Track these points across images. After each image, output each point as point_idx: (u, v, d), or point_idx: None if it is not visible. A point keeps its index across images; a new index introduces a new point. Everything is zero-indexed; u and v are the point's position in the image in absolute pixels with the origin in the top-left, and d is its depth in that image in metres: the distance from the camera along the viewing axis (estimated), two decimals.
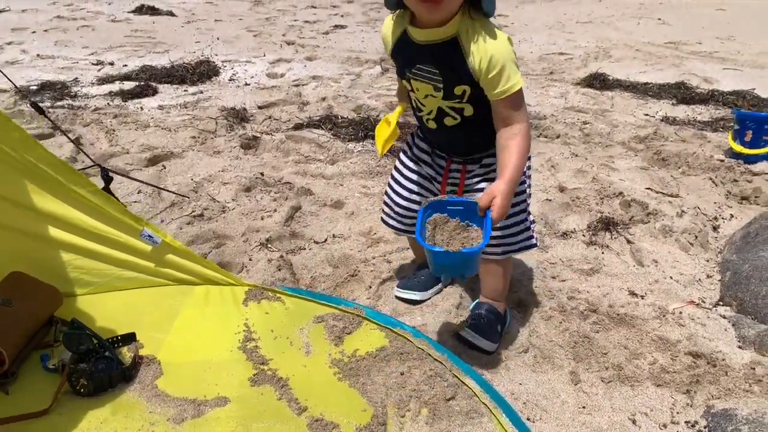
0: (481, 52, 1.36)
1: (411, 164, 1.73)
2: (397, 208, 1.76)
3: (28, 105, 3.79)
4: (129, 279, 1.80)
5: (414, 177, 1.72)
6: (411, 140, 1.77)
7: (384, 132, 1.74)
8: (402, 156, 1.77)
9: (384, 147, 1.80)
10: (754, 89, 4.43)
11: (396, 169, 1.78)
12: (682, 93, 4.42)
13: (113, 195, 2.02)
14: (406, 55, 1.49)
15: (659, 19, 8.55)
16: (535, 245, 1.67)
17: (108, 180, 2.02)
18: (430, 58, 1.42)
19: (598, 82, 4.69)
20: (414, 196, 1.72)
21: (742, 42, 6.81)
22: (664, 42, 6.79)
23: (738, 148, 3.08)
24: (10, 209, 1.69)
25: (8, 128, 1.59)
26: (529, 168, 1.64)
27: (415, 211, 1.70)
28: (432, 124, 1.55)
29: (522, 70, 5.17)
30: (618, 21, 8.36)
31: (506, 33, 1.40)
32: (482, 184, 1.59)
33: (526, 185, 1.62)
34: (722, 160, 3.12)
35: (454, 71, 1.40)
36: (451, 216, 1.39)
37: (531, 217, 1.67)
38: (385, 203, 1.80)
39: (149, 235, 1.75)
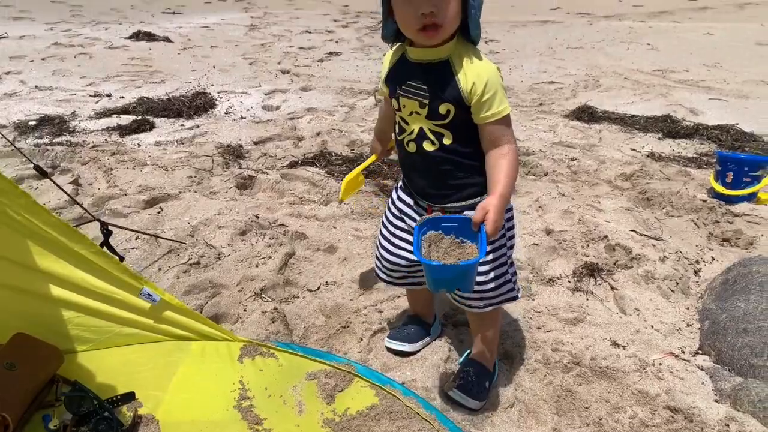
0: (475, 74, 1.44)
1: (395, 220, 1.80)
2: (386, 263, 1.82)
3: (26, 142, 3.87)
4: (128, 336, 1.86)
5: (399, 233, 1.78)
6: (394, 195, 1.82)
7: (349, 180, 2.04)
8: (387, 211, 1.84)
9: (346, 194, 2.11)
10: (737, 124, 4.54)
11: (383, 224, 1.84)
12: (668, 126, 4.52)
13: (113, 249, 2.09)
14: (399, 74, 1.56)
15: (648, 44, 8.71)
16: (516, 297, 1.74)
17: (107, 234, 2.09)
18: (421, 75, 1.51)
19: (586, 114, 4.80)
20: (400, 251, 1.78)
21: (728, 69, 6.95)
22: (652, 69, 6.93)
23: (719, 188, 3.18)
24: (14, 270, 1.75)
25: (15, 194, 1.66)
26: (510, 219, 1.70)
27: (403, 265, 1.78)
28: (411, 147, 1.58)
29: (512, 101, 5.34)
30: (608, 46, 8.51)
31: (497, 60, 1.51)
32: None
33: (505, 239, 1.68)
34: (705, 200, 3.21)
35: (443, 90, 1.47)
36: (445, 233, 1.44)
37: (513, 269, 1.75)
38: (376, 257, 1.87)
39: (149, 294, 1.82)
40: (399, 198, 1.79)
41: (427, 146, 1.55)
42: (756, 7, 14.02)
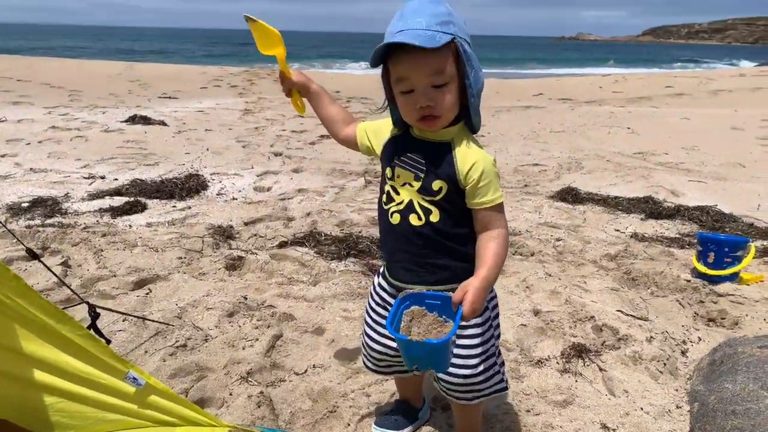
0: (472, 160, 1.49)
1: (378, 308, 1.77)
2: (372, 353, 1.81)
3: (18, 223, 3.90)
4: (111, 421, 1.82)
5: (383, 321, 1.75)
6: (375, 282, 1.81)
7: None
8: (369, 300, 1.81)
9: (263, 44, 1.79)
10: (716, 205, 4.68)
11: (367, 312, 1.83)
12: (650, 207, 4.64)
13: (100, 332, 2.08)
14: (399, 146, 1.60)
15: (628, 128, 9.05)
16: (506, 389, 1.74)
17: (95, 317, 2.09)
18: (421, 150, 1.55)
19: (570, 196, 4.93)
20: (385, 340, 1.76)
21: (706, 152, 7.21)
22: (633, 152, 7.18)
23: (702, 268, 3.23)
24: (0, 354, 1.74)
25: (7, 277, 1.67)
26: (495, 308, 1.72)
27: (390, 355, 1.77)
28: (396, 218, 1.57)
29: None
30: (590, 130, 8.83)
31: (483, 143, 1.58)
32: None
33: (493, 329, 1.68)
34: (689, 281, 3.26)
35: (439, 167, 1.51)
36: (428, 309, 1.43)
37: (501, 359, 1.75)
38: (363, 345, 1.86)
39: (134, 377, 1.79)
40: (380, 285, 1.77)
41: (413, 220, 1.56)
42: (729, 93, 14.73)
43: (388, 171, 1.61)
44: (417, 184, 1.54)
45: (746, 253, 3.21)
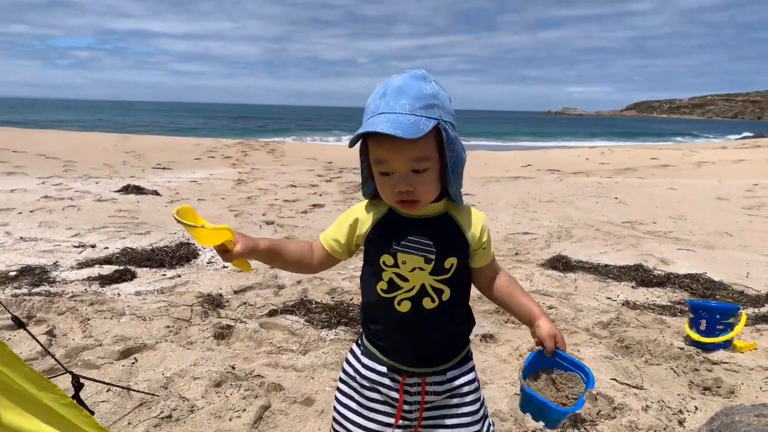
0: (475, 223, 1.48)
1: (367, 392, 1.54)
2: None
3: (4, 292, 3.86)
4: None
5: (375, 405, 1.53)
6: (357, 364, 1.56)
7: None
8: (351, 384, 1.57)
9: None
10: (706, 273, 4.70)
11: (341, 402, 1.58)
12: (640, 275, 4.66)
13: (83, 403, 2.02)
14: (392, 230, 1.46)
15: (616, 198, 9.21)
16: None
17: (78, 387, 2.04)
18: (424, 230, 1.44)
19: (561, 264, 4.95)
20: (376, 426, 1.52)
21: (693, 221, 7.32)
22: (622, 222, 7.27)
23: (695, 336, 3.22)
24: None
25: None
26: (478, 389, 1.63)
27: None
28: (404, 306, 1.45)
29: None
30: (578, 200, 8.97)
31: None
32: (448, 401, 1.53)
33: (484, 408, 1.62)
34: (682, 348, 3.23)
35: (449, 242, 1.44)
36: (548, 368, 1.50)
37: (489, 420, 1.66)
38: None
39: None
40: (366, 366, 1.54)
41: (427, 303, 1.45)
42: (711, 165, 15.12)
43: (386, 259, 1.44)
44: (428, 267, 1.43)
45: (738, 320, 3.20)
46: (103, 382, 2.48)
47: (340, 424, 1.55)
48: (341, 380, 1.59)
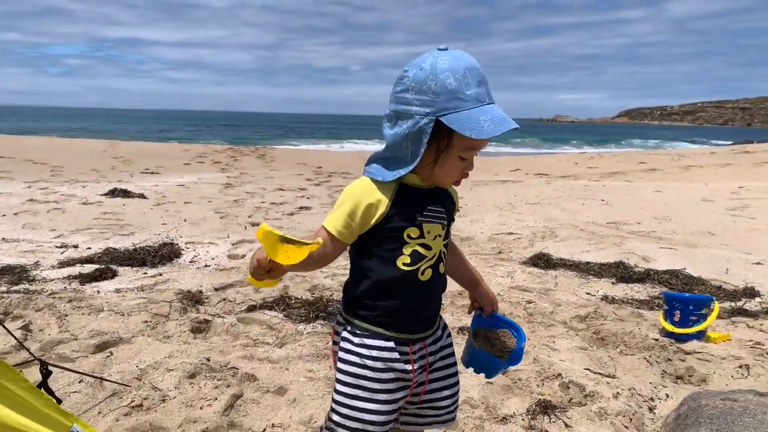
0: (455, 191, 1.61)
1: (384, 374, 1.51)
2: (381, 427, 1.52)
3: None
4: None
5: (391, 385, 1.52)
6: (365, 351, 1.52)
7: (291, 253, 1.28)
8: (364, 370, 1.51)
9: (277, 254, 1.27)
10: (685, 269, 4.74)
11: (360, 386, 1.51)
12: (621, 272, 4.69)
13: (51, 391, 2.02)
14: (414, 202, 1.49)
15: (602, 200, 9.26)
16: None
17: (46, 374, 2.03)
18: (436, 199, 1.53)
19: (543, 261, 4.97)
20: (396, 405, 1.54)
21: (677, 222, 7.36)
22: (606, 222, 7.31)
23: (669, 327, 3.25)
24: None
25: None
26: None
27: (394, 417, 1.57)
28: (427, 274, 1.50)
29: (472, 250, 5.53)
30: (564, 202, 9.01)
31: (460, 215, 1.62)
32: (442, 359, 1.61)
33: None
34: (657, 339, 3.26)
35: (451, 209, 1.58)
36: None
37: None
38: (361, 423, 1.51)
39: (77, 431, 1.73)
40: (374, 347, 1.52)
41: (441, 268, 1.56)
42: (699, 169, 15.22)
43: (411, 231, 1.48)
44: (443, 233, 1.54)
45: (711, 311, 3.23)
46: (71, 370, 2.48)
47: (357, 420, 1.50)
48: (347, 373, 1.52)
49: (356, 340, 1.52)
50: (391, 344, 1.51)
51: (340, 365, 1.54)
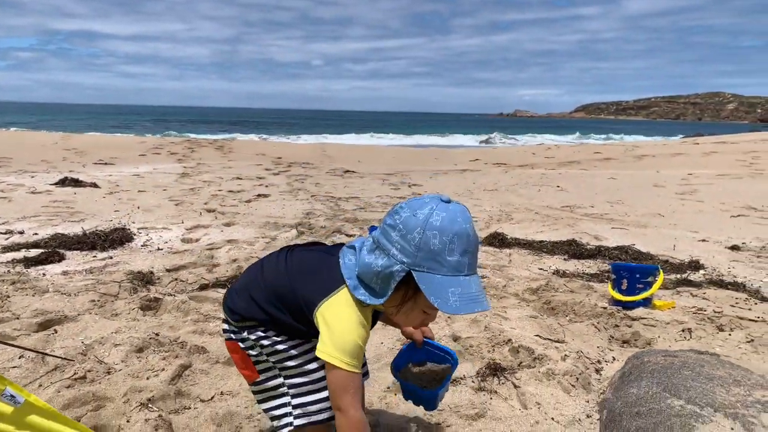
0: None
1: None
2: None
3: None
4: None
5: None
6: None
7: None
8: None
9: None
10: (634, 244, 4.87)
11: None
12: (573, 249, 4.79)
13: None
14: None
15: (558, 186, 9.44)
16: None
17: None
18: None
19: (497, 240, 5.04)
20: None
21: (629, 205, 7.56)
22: (561, 206, 7.45)
23: (617, 295, 3.33)
24: None
25: None
26: None
27: None
28: None
29: None
30: (521, 188, 9.16)
31: None
32: None
33: None
34: (605, 308, 3.33)
35: None
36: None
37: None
38: None
39: (11, 395, 1.67)
40: None
41: None
42: (652, 158, 15.61)
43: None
44: None
45: (656, 279, 3.32)
46: (7, 343, 2.39)
47: None
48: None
49: None
50: None
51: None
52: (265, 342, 1.58)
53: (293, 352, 1.58)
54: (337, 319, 1.44)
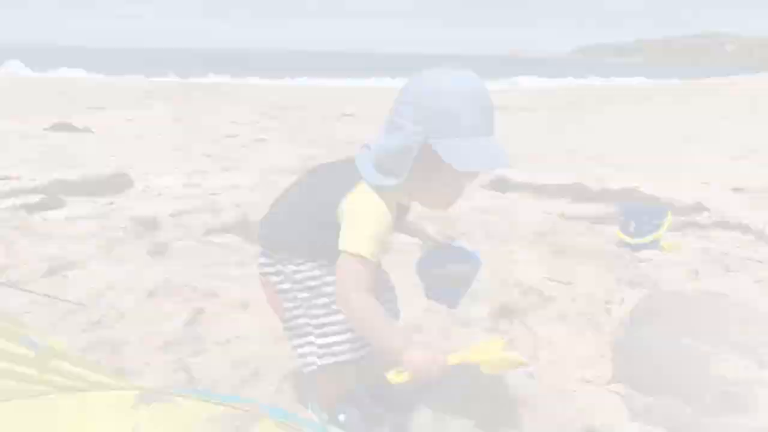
0: None
1: None
2: None
3: None
4: (6, 391, 1.69)
5: None
6: None
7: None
8: None
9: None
10: (639, 187, 4.84)
11: None
12: (578, 192, 4.77)
13: None
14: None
15: (560, 129, 9.35)
16: None
17: None
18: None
19: (501, 184, 5.01)
20: None
21: (632, 148, 7.53)
22: (565, 149, 7.40)
23: (625, 238, 3.33)
24: None
25: None
26: None
27: None
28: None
29: None
30: (522, 132, 9.06)
31: None
32: None
33: None
34: (612, 250, 3.35)
35: None
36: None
37: None
38: None
39: (32, 340, 1.67)
40: None
41: None
42: (652, 101, 15.43)
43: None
44: None
45: (663, 222, 3.32)
46: (22, 289, 2.40)
47: None
48: None
49: None
50: None
51: None
52: (298, 276, 1.58)
53: (325, 289, 1.56)
54: (356, 207, 1.45)
